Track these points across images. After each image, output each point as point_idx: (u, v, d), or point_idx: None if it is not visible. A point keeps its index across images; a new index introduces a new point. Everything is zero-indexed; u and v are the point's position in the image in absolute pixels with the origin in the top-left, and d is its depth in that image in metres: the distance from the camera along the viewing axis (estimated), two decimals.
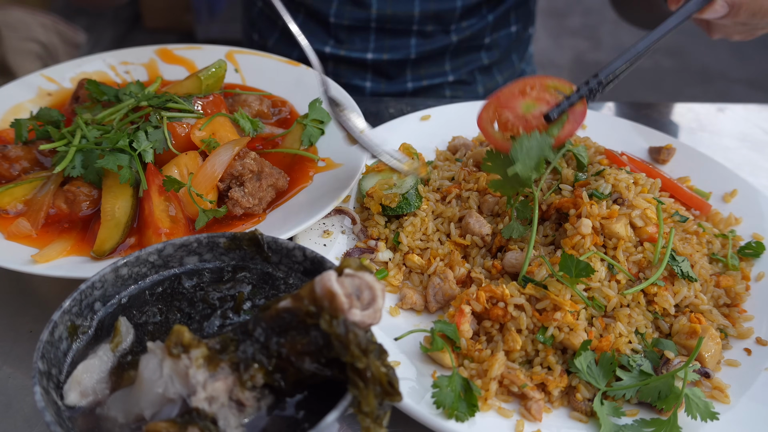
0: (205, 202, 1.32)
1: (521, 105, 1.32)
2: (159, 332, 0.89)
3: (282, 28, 2.27)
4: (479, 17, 2.19)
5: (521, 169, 1.23)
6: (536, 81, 1.35)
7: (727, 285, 1.33)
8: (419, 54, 2.18)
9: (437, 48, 2.18)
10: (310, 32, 2.18)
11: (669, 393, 1.10)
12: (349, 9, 2.10)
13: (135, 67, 1.79)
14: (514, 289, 1.22)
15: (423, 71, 2.24)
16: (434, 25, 2.14)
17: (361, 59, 2.18)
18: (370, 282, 0.77)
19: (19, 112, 1.61)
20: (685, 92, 5.30)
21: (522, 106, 1.32)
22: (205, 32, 5.31)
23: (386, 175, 1.47)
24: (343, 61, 2.20)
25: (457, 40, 2.18)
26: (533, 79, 1.36)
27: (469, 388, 1.09)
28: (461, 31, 2.17)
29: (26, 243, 1.29)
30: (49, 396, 0.78)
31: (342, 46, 2.17)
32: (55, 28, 3.00)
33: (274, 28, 2.30)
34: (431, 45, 2.17)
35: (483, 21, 2.19)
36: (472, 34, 2.19)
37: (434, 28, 2.15)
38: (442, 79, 2.25)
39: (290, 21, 1.53)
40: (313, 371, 0.79)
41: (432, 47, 2.18)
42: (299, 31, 1.54)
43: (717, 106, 2.04)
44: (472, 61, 2.27)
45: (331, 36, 2.17)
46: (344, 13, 2.08)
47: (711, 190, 1.56)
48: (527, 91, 1.35)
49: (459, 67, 2.25)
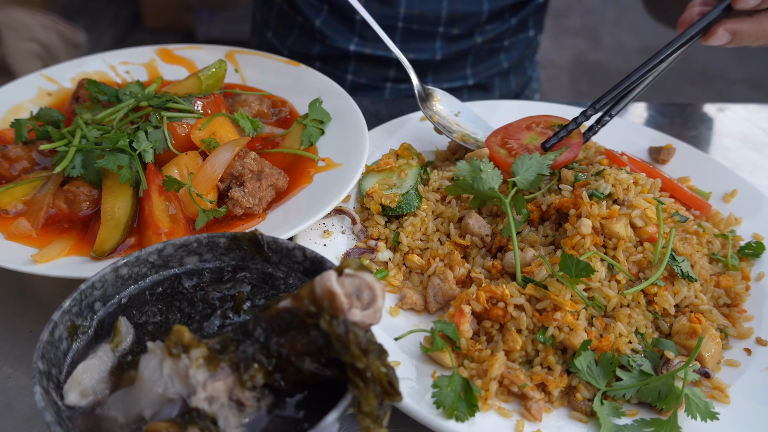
0: (205, 202, 1.32)
1: (526, 137, 1.47)
2: (159, 332, 0.89)
3: (301, 26, 2.24)
4: (502, 20, 2.19)
5: (520, 181, 1.34)
6: (542, 119, 1.53)
7: (727, 285, 1.33)
8: (444, 56, 2.18)
9: (461, 50, 2.19)
10: (333, 29, 2.17)
11: (669, 393, 1.10)
12: (377, 6, 2.08)
13: (135, 67, 1.79)
14: (514, 289, 1.22)
15: (444, 74, 2.24)
16: (460, 28, 2.14)
17: (385, 58, 2.16)
18: (370, 282, 0.77)
19: (19, 112, 1.61)
20: (685, 92, 5.30)
21: (526, 137, 1.47)
22: (205, 32, 5.31)
23: (386, 175, 1.47)
24: (366, 59, 2.19)
25: (481, 42, 2.18)
26: (539, 117, 1.53)
27: (469, 388, 1.09)
28: (485, 34, 2.18)
29: (26, 243, 1.29)
30: (49, 396, 0.78)
31: (367, 44, 2.16)
32: (55, 28, 3.00)
33: (293, 25, 2.27)
34: (456, 47, 2.17)
35: (506, 24, 2.20)
36: (495, 36, 2.20)
37: (459, 32, 2.15)
38: (462, 82, 2.26)
39: (378, 29, 1.61)
40: (313, 371, 0.79)
41: (457, 50, 2.18)
42: (385, 36, 1.61)
43: (717, 106, 2.04)
44: (493, 66, 2.28)
45: (356, 33, 2.16)
46: (371, 11, 2.06)
47: (711, 190, 1.56)
48: (532, 126, 1.51)
49: (480, 71, 2.26)
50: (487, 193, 1.33)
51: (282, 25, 2.32)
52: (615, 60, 5.60)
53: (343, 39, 2.16)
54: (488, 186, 1.32)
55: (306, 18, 2.19)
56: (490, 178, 1.32)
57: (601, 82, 5.34)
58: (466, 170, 1.35)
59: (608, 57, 5.64)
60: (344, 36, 2.16)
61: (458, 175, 1.36)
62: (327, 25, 2.17)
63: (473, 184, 1.33)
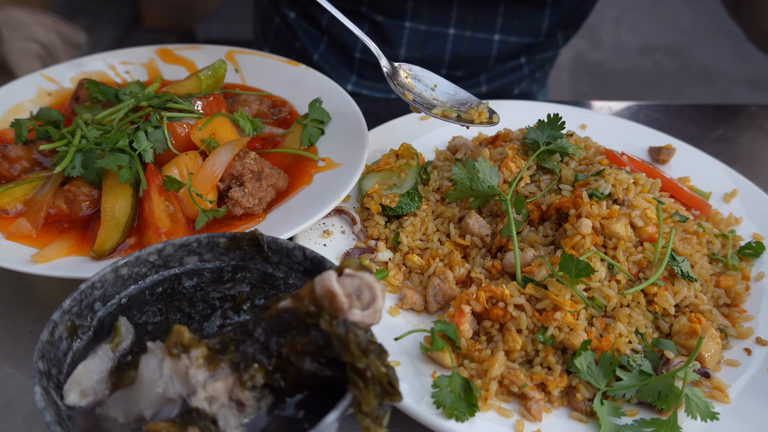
0: (205, 202, 1.32)
1: None
2: (159, 332, 0.89)
3: (299, 53, 2.17)
4: (514, 64, 2.08)
5: None
6: None
7: (727, 285, 1.33)
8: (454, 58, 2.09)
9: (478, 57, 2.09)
10: (330, 66, 2.11)
11: (669, 393, 1.10)
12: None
13: (135, 67, 1.79)
14: (514, 289, 1.22)
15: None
16: (464, 70, 2.05)
17: (384, 100, 2.10)
18: (370, 282, 0.77)
19: (19, 112, 1.61)
20: (685, 92, 5.30)
21: None
22: (205, 32, 5.31)
23: (386, 175, 1.47)
24: (363, 100, 2.16)
25: (486, 90, 2.10)
26: None
27: (469, 388, 1.09)
28: (492, 81, 2.09)
29: (26, 243, 1.29)
30: (49, 396, 0.78)
31: (365, 83, 2.11)
32: (55, 28, 3.00)
33: (290, 51, 2.21)
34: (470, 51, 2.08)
35: (518, 72, 2.09)
36: (503, 85, 2.11)
37: (463, 74, 2.06)
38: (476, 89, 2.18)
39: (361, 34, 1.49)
40: (313, 371, 0.79)
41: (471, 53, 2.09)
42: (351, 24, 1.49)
43: (716, 106, 2.04)
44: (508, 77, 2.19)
45: (354, 72, 2.11)
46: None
47: (711, 190, 1.56)
48: None
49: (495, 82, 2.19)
50: (486, 192, 1.33)
51: (279, 47, 2.26)
52: (615, 60, 5.60)
53: (340, 77, 2.10)
54: (487, 185, 1.31)
55: (303, 48, 2.14)
56: (488, 177, 1.32)
57: (601, 82, 5.34)
58: (462, 173, 1.34)
59: (608, 57, 5.64)
60: (342, 73, 2.11)
61: (455, 179, 1.35)
62: (324, 60, 2.11)
63: (471, 186, 1.33)
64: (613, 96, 5.14)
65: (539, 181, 1.40)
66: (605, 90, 5.26)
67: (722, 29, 5.92)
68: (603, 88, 5.28)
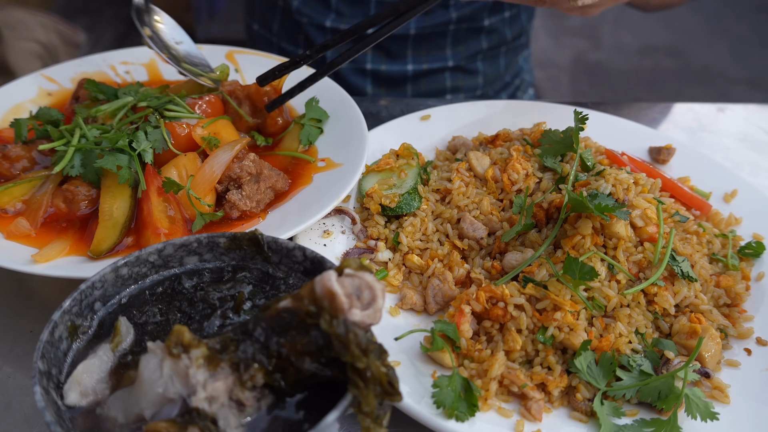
0: (203, 205, 1.32)
1: None
2: (159, 332, 0.89)
3: (282, 9, 2.27)
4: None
5: None
6: None
7: (727, 285, 1.33)
8: (419, 30, 2.19)
9: (437, 24, 2.19)
10: (310, 7, 2.20)
11: (669, 393, 1.10)
12: None
13: (135, 67, 1.79)
14: (514, 289, 1.22)
15: (424, 53, 2.25)
16: None
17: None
18: (370, 282, 0.77)
19: (19, 112, 1.61)
20: (685, 92, 5.30)
21: None
22: (205, 32, 5.31)
23: (386, 175, 1.47)
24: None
25: (457, 17, 2.18)
26: None
27: (469, 388, 1.09)
28: (460, 8, 2.18)
29: (25, 242, 1.29)
30: (49, 396, 0.78)
31: (343, 19, 2.19)
32: (55, 28, 3.00)
33: (275, 10, 2.30)
34: (431, 21, 2.18)
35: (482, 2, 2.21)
36: (471, 12, 2.20)
37: None
38: (442, 63, 2.27)
39: None
40: (313, 371, 0.79)
41: (432, 23, 2.19)
42: None
43: (717, 106, 2.04)
44: (472, 46, 2.28)
45: (332, 10, 2.19)
46: None
47: (711, 190, 1.56)
48: None
49: (459, 51, 2.27)
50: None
51: (265, 13, 2.35)
52: (615, 60, 5.60)
53: (319, 15, 2.19)
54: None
55: (285, 1, 2.25)
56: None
57: (601, 82, 5.35)
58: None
59: (608, 57, 5.64)
60: (321, 12, 2.19)
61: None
62: (304, 1, 2.20)
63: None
64: (613, 96, 5.14)
65: (541, 180, 1.40)
66: (605, 90, 5.26)
67: (722, 29, 5.93)
68: (603, 88, 5.28)
